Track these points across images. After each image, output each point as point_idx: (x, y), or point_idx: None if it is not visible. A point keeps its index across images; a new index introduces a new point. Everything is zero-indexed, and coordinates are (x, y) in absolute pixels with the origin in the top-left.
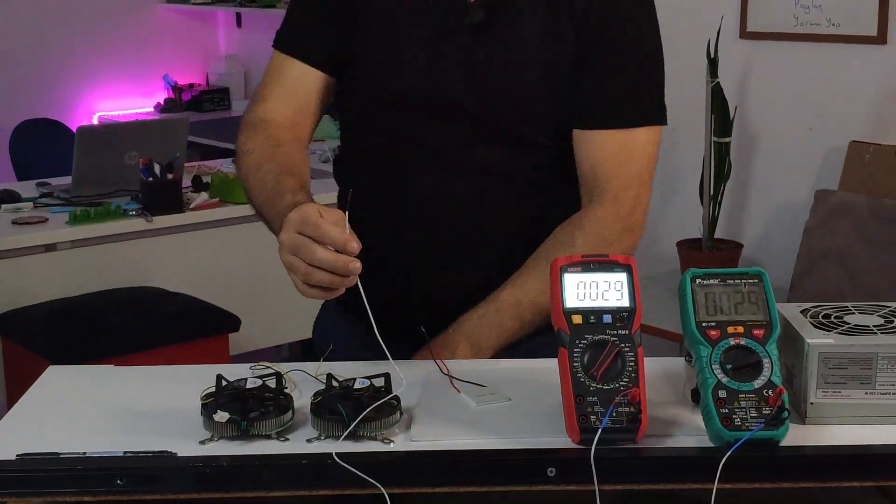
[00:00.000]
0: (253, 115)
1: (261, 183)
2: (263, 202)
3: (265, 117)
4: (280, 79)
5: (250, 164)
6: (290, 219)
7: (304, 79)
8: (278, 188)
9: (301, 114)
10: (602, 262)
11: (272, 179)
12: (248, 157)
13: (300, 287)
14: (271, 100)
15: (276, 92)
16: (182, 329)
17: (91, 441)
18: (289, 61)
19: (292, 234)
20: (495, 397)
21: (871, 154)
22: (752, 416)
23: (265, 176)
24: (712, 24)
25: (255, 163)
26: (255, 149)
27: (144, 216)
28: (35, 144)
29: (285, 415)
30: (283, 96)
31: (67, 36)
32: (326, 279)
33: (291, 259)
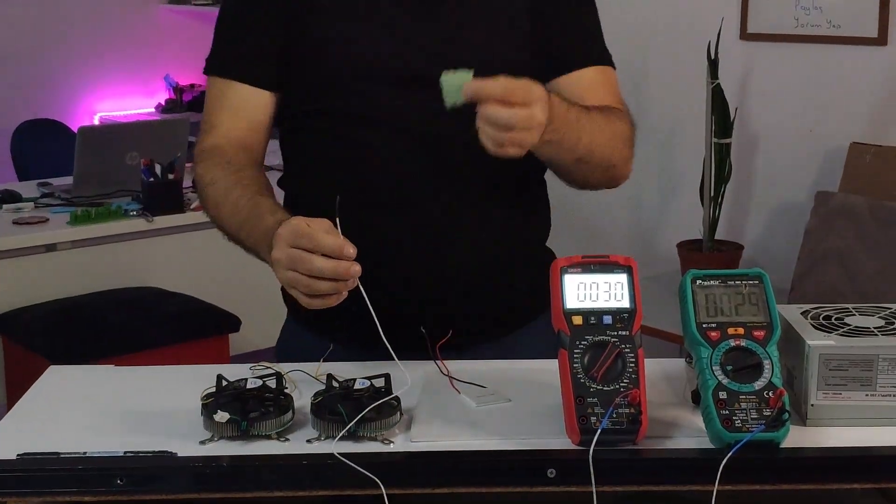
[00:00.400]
0: (205, 145)
1: (233, 209)
2: (240, 227)
3: (218, 144)
4: (225, 103)
5: (217, 194)
6: (281, 234)
7: (249, 99)
8: (256, 210)
9: (253, 134)
10: (602, 262)
11: (246, 203)
12: (213, 188)
13: (304, 301)
14: (220, 126)
15: (223, 118)
16: (182, 329)
17: (91, 441)
18: (231, 85)
19: (286, 249)
20: (495, 398)
21: (871, 155)
22: (753, 417)
23: (237, 201)
24: (713, 25)
25: (222, 191)
26: (217, 178)
27: (145, 216)
28: (36, 145)
29: (285, 415)
30: (232, 121)
31: (69, 36)
32: (329, 287)
33: (291, 275)
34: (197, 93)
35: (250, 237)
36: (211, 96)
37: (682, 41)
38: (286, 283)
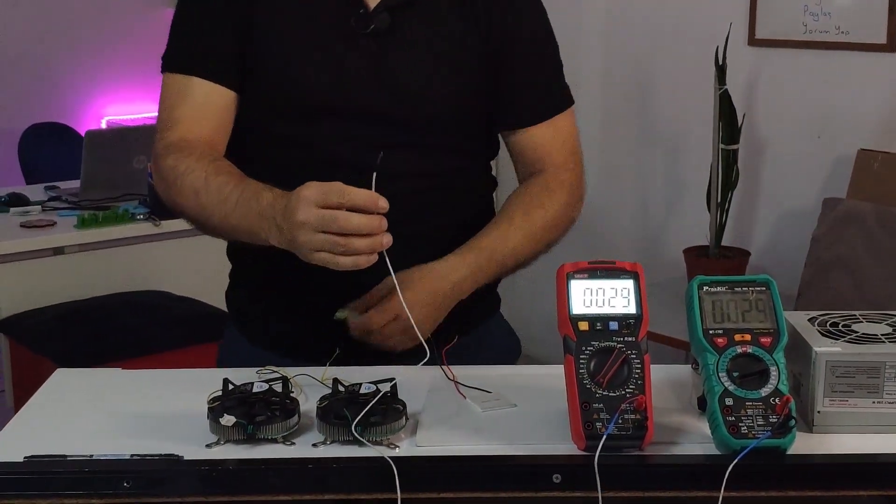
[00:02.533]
0: (170, 139)
1: (218, 196)
2: (230, 212)
3: (184, 138)
4: (187, 100)
5: (195, 181)
6: (305, 195)
7: (212, 96)
8: (247, 192)
9: (217, 133)
10: (609, 268)
11: (233, 189)
12: (190, 176)
13: (335, 261)
14: (184, 122)
15: (185, 112)
16: (189, 333)
17: (98, 444)
18: (191, 81)
19: (313, 209)
20: (500, 403)
21: (879, 162)
22: (759, 424)
23: (221, 188)
24: (721, 31)
25: (202, 179)
26: (193, 167)
27: (152, 220)
28: (43, 148)
29: (291, 419)
30: (196, 117)
31: (76, 40)
32: (366, 244)
33: (320, 238)
34: None
35: (245, 219)
36: (170, 93)
37: (689, 46)
38: (314, 247)
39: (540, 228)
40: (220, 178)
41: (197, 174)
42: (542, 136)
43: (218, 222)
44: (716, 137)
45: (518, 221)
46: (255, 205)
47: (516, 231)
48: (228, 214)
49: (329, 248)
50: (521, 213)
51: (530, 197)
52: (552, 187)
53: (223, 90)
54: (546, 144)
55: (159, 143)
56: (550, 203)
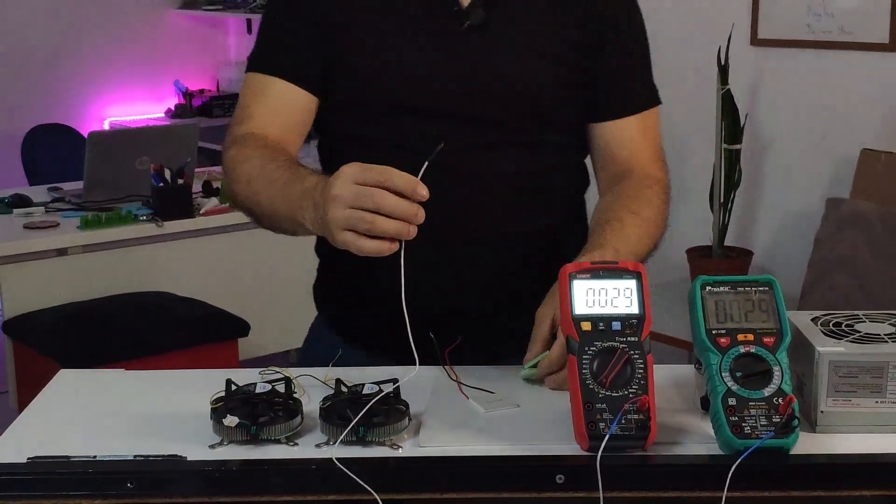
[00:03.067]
0: (239, 133)
1: (268, 179)
2: (275, 194)
3: (253, 133)
4: (263, 98)
5: (251, 169)
6: (346, 171)
7: (289, 97)
8: (295, 175)
9: (289, 133)
10: (611, 268)
11: (284, 173)
12: (247, 164)
13: (359, 243)
14: (256, 119)
15: (260, 111)
16: (192, 334)
17: (101, 445)
18: (271, 81)
19: (350, 185)
20: (503, 403)
21: (882, 162)
22: (762, 424)
23: (273, 173)
24: (723, 30)
25: (257, 167)
26: (252, 155)
27: (155, 221)
28: (47, 149)
29: (294, 419)
30: (269, 115)
31: (79, 41)
32: (394, 227)
33: (348, 213)
34: (206, 98)
35: (287, 200)
36: (249, 90)
37: (692, 46)
38: (342, 224)
39: (652, 225)
40: (273, 164)
41: (253, 162)
42: (631, 131)
43: (266, 207)
44: (718, 137)
45: (629, 220)
46: (300, 185)
47: (631, 229)
48: (274, 196)
49: (355, 223)
50: (628, 212)
51: (630, 197)
52: (649, 184)
53: (300, 91)
54: (636, 139)
55: (228, 137)
56: (653, 199)
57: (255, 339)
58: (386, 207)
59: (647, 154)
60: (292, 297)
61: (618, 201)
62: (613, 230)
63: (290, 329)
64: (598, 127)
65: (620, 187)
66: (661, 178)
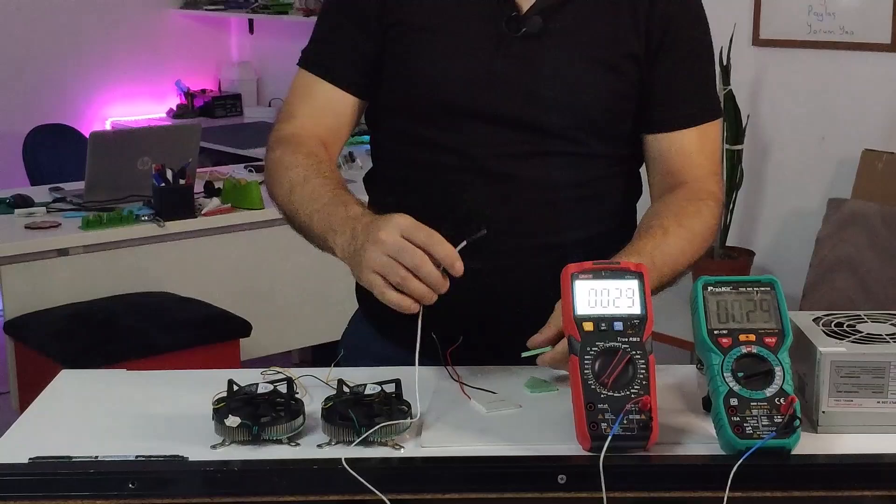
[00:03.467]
0: (284, 132)
1: (311, 194)
2: (315, 211)
3: (297, 133)
4: (309, 98)
5: (295, 177)
6: (397, 222)
7: (334, 100)
8: (339, 199)
9: (331, 135)
10: (613, 269)
11: (328, 192)
12: (293, 171)
13: (385, 291)
14: (301, 118)
15: (305, 111)
16: (193, 334)
17: (103, 445)
18: (318, 82)
19: (397, 236)
20: (505, 404)
21: (884, 162)
22: (764, 424)
23: (318, 188)
24: (725, 31)
25: (301, 176)
26: (298, 163)
27: (156, 221)
28: (48, 150)
29: (296, 420)
30: (313, 116)
31: (80, 42)
32: (421, 292)
33: (385, 260)
34: (208, 98)
35: (325, 222)
36: (296, 87)
37: None
38: (374, 267)
39: (697, 237)
40: (319, 179)
41: (298, 171)
42: (690, 143)
43: (303, 220)
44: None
45: (673, 230)
46: (343, 210)
47: (673, 239)
48: (313, 213)
49: (387, 273)
50: (675, 222)
51: (679, 207)
52: (701, 196)
53: (347, 96)
54: (693, 152)
55: (274, 133)
56: (703, 212)
57: (257, 339)
58: (421, 272)
59: (702, 168)
60: (294, 297)
61: (667, 210)
62: (654, 238)
63: (292, 329)
64: (653, 138)
65: (673, 196)
66: (715, 192)
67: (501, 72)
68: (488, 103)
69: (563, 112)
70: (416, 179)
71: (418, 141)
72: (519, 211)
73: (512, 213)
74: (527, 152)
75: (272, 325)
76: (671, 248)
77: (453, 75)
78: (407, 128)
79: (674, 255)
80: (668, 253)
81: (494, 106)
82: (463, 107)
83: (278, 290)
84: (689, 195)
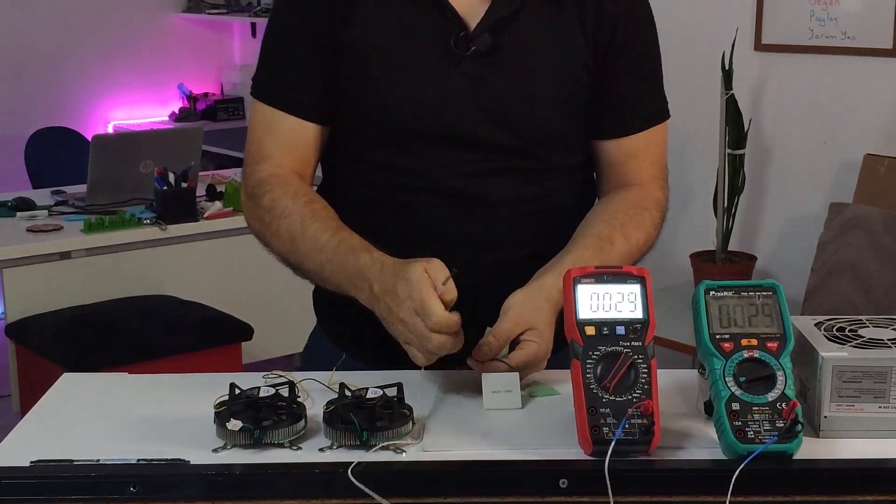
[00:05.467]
0: (262, 175)
1: (313, 243)
2: (324, 262)
3: (276, 174)
4: (276, 135)
5: (293, 227)
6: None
7: (300, 133)
8: (343, 246)
9: (305, 166)
10: (615, 273)
11: (329, 239)
12: (286, 220)
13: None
14: (273, 157)
15: (274, 149)
16: (195, 337)
17: (104, 448)
18: (282, 117)
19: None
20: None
21: (885, 167)
22: (766, 429)
23: (317, 236)
24: (727, 36)
25: (298, 225)
26: (289, 209)
27: (159, 225)
28: (50, 153)
29: (298, 423)
30: (284, 152)
31: (83, 45)
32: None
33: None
34: (210, 101)
35: (337, 274)
36: (259, 123)
37: (696, 51)
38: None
39: (637, 250)
40: (317, 224)
41: (293, 219)
42: (637, 147)
43: (311, 268)
44: (722, 142)
45: (619, 243)
46: (353, 261)
47: (616, 254)
48: (323, 264)
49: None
50: (621, 235)
51: (627, 216)
52: (647, 205)
53: (310, 126)
54: (640, 156)
55: (251, 177)
56: (647, 223)
57: (259, 342)
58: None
59: (649, 172)
60: (296, 300)
61: (613, 218)
62: (599, 250)
63: (294, 333)
64: (601, 143)
65: (620, 199)
66: (660, 198)
67: (454, 91)
68: (444, 124)
69: (520, 128)
70: (375, 200)
71: (376, 163)
72: (480, 228)
73: (473, 231)
74: (485, 170)
75: (274, 328)
76: (613, 261)
77: (407, 98)
78: (363, 150)
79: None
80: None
81: (450, 126)
82: (418, 129)
83: (280, 293)
84: (636, 201)
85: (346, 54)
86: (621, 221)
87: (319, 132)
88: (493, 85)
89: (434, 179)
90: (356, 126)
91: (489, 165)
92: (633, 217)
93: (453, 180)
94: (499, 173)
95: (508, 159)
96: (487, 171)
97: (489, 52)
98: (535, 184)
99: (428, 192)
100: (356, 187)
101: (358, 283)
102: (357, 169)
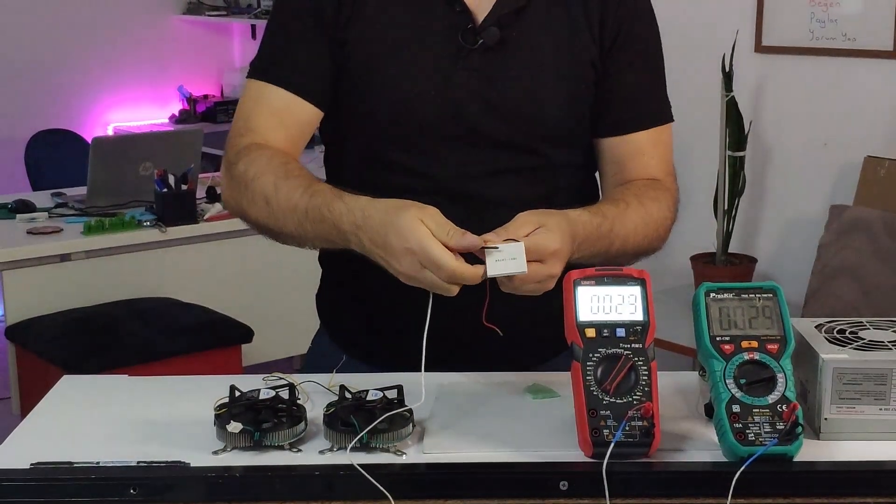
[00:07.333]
0: (243, 145)
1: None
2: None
3: (257, 143)
4: (265, 108)
5: (265, 188)
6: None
7: (293, 107)
8: (315, 199)
9: (292, 146)
10: (616, 275)
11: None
12: (259, 181)
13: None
14: (258, 130)
15: (261, 122)
16: (195, 340)
17: (104, 451)
18: (274, 91)
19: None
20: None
21: (886, 169)
22: (766, 431)
23: (290, 194)
24: (727, 38)
25: (271, 184)
26: (262, 170)
27: (159, 227)
28: (50, 155)
29: (298, 426)
30: (273, 126)
31: (83, 47)
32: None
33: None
34: (210, 103)
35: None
36: (249, 99)
37: (696, 53)
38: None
39: (652, 222)
40: (290, 181)
41: (266, 178)
42: (643, 145)
43: (292, 232)
44: (723, 144)
45: (634, 206)
46: (328, 215)
47: (633, 214)
48: (301, 223)
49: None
50: (636, 201)
51: (640, 189)
52: (659, 188)
53: (303, 103)
54: (647, 153)
55: (231, 150)
56: (662, 200)
57: (259, 345)
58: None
59: (658, 167)
60: (296, 302)
61: (628, 190)
62: (618, 207)
63: (294, 335)
64: (607, 141)
65: (633, 182)
66: (672, 188)
67: (460, 86)
68: (449, 118)
69: (525, 123)
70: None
71: (380, 163)
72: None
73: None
74: (490, 170)
75: (274, 330)
76: (629, 221)
77: (413, 92)
78: (368, 149)
79: (628, 229)
80: (625, 225)
81: (455, 121)
82: (423, 124)
83: (280, 295)
84: (648, 184)
85: (352, 47)
86: (636, 193)
87: (312, 114)
88: (499, 80)
89: (439, 181)
90: (361, 122)
91: (494, 164)
92: (648, 191)
93: (458, 181)
94: (503, 172)
95: (513, 157)
96: (492, 170)
97: (496, 47)
98: (539, 184)
99: (433, 193)
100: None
101: (346, 237)
102: (358, 165)
